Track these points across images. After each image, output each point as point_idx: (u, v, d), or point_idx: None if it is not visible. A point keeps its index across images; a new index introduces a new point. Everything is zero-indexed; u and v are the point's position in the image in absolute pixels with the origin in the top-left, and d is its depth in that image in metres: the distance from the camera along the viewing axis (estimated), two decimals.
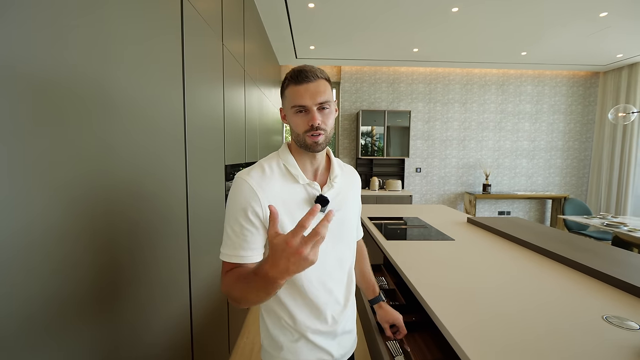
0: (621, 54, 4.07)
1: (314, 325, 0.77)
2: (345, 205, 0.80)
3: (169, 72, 1.08)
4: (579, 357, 0.77)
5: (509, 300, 1.05)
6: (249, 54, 2.42)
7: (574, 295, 1.10)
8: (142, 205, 0.93)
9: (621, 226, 2.91)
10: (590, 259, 1.35)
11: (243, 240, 0.68)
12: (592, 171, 4.98)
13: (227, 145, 1.78)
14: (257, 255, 0.70)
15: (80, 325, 0.69)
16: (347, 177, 0.85)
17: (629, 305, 1.04)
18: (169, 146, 1.09)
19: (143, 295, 0.94)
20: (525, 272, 1.32)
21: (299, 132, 0.71)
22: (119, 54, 0.81)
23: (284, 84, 0.74)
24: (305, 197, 0.75)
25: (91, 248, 0.72)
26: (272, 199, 0.69)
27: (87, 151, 0.70)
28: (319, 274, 0.76)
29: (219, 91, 1.64)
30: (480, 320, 0.93)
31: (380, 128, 4.66)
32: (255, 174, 0.72)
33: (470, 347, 0.81)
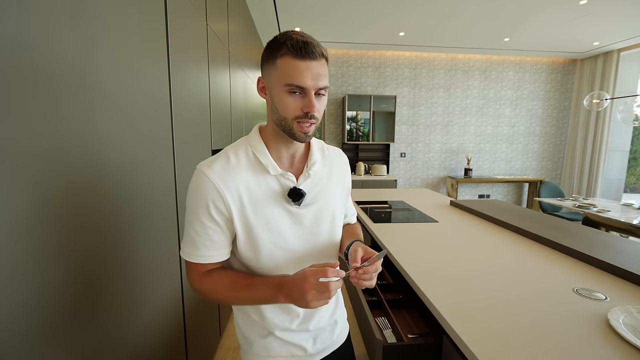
0: (597, 42, 4.20)
1: (282, 323, 0.70)
2: (324, 197, 0.70)
3: (153, 54, 1.04)
4: (552, 326, 0.84)
5: (488, 276, 1.12)
6: (233, 34, 2.34)
7: (548, 270, 1.18)
8: (129, 194, 0.91)
9: (591, 207, 3.09)
10: (562, 237, 1.44)
11: (207, 239, 0.62)
12: (567, 155, 5.21)
13: (213, 130, 1.75)
14: (223, 254, 0.65)
15: (73, 314, 0.69)
16: (328, 162, 0.74)
17: (596, 279, 1.12)
18: (156, 131, 1.06)
19: (136, 281, 0.94)
20: (503, 250, 1.40)
21: (287, 116, 0.59)
22: (100, 35, 0.77)
23: (274, 50, 0.57)
24: (277, 189, 0.65)
25: (78, 238, 0.71)
26: (237, 194, 0.61)
27: (68, 139, 0.68)
28: (289, 271, 0.65)
29: (204, 74, 1.60)
30: (462, 295, 0.99)
31: (366, 113, 4.66)
32: (218, 166, 0.62)
33: (453, 319, 0.86)
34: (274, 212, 0.64)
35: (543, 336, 0.79)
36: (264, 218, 0.64)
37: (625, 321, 0.85)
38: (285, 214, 0.65)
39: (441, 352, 0.91)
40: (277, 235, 0.65)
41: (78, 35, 0.69)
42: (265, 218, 0.64)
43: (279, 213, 0.65)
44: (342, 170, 0.78)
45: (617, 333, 0.80)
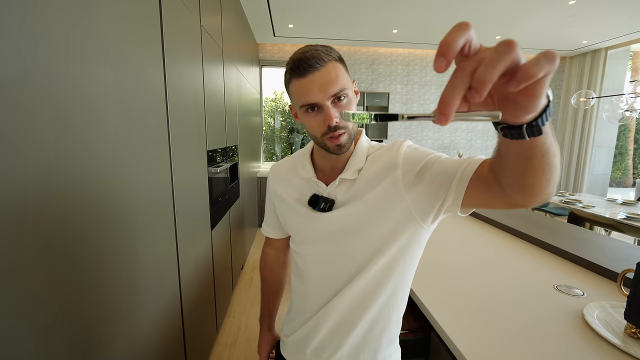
0: (586, 40, 4.28)
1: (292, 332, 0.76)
2: (360, 203, 0.62)
3: (149, 57, 1.05)
4: (532, 321, 0.89)
5: (475, 273, 1.18)
6: (226, 31, 2.33)
7: (531, 268, 1.24)
8: (126, 194, 0.93)
9: (576, 203, 3.19)
10: (546, 235, 1.51)
11: (267, 217, 0.83)
12: None
13: (208, 129, 1.76)
14: (274, 233, 0.83)
15: (71, 310, 0.72)
16: (373, 165, 0.64)
17: (576, 275, 1.19)
18: (153, 133, 1.08)
19: (135, 280, 0.96)
20: (490, 248, 1.46)
21: (316, 135, 0.59)
22: (96, 38, 0.79)
23: (285, 78, 0.60)
24: (304, 193, 0.69)
25: (78, 236, 0.73)
26: (279, 189, 0.75)
27: (68, 138, 0.70)
28: (315, 267, 0.69)
29: (198, 73, 1.60)
30: (448, 291, 1.04)
31: (360, 107, 4.70)
32: (280, 163, 0.79)
33: (439, 315, 0.91)
34: (295, 211, 0.70)
35: (523, 331, 0.85)
36: (289, 215, 0.72)
37: (599, 316, 0.91)
38: (308, 216, 0.67)
39: (429, 347, 0.97)
40: (298, 232, 0.71)
41: (73, 39, 0.71)
42: (290, 215, 0.72)
43: (300, 214, 0.69)
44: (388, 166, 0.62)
45: (591, 327, 0.86)
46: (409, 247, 0.62)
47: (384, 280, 0.63)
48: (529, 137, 0.30)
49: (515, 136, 0.31)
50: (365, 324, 0.65)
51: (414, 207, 0.58)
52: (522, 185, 0.39)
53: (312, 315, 0.69)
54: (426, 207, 0.57)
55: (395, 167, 0.60)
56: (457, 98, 0.25)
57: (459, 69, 0.25)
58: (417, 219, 0.59)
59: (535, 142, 0.32)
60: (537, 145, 0.33)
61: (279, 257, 0.89)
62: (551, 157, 0.35)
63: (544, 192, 0.39)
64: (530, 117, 0.29)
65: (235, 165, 2.63)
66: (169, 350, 1.20)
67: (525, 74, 0.24)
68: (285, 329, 0.80)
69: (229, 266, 2.33)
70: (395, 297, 0.66)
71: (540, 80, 0.25)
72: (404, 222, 0.59)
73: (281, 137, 5.48)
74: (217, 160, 1.99)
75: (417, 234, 0.61)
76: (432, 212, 0.57)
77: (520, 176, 0.38)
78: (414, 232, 0.60)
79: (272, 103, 5.44)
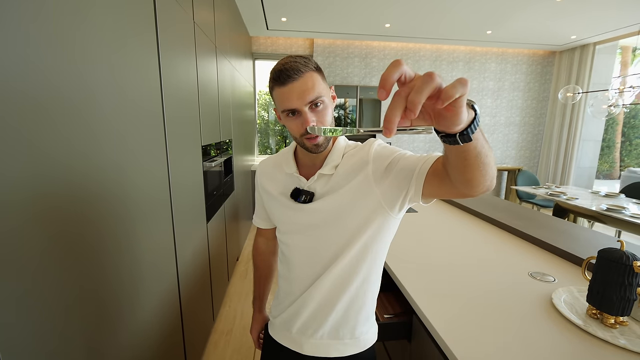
0: (575, 36, 4.35)
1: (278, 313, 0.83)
2: (338, 195, 0.69)
3: (144, 55, 1.08)
4: (506, 305, 0.97)
5: (456, 261, 1.25)
6: (219, 26, 2.35)
7: (509, 256, 1.33)
8: (124, 189, 0.98)
9: (561, 195, 3.31)
10: (527, 226, 1.59)
11: (256, 208, 0.92)
12: (544, 145, 5.45)
13: (202, 124, 1.80)
14: (263, 224, 0.92)
15: (72, 304, 0.77)
16: (349, 161, 0.72)
17: (550, 263, 1.27)
18: (149, 129, 1.12)
19: (136, 271, 1.02)
20: (473, 238, 1.54)
21: (295, 136, 0.68)
22: (91, 36, 0.82)
23: (269, 86, 0.67)
24: (287, 187, 0.77)
25: (76, 232, 0.77)
26: (265, 183, 0.83)
27: (62, 136, 0.74)
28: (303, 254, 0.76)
29: (192, 69, 1.63)
30: (430, 278, 1.11)
31: (353, 100, 4.76)
32: (267, 159, 0.86)
33: (420, 300, 0.99)
34: (280, 203, 0.77)
35: (497, 315, 0.92)
36: (274, 207, 0.80)
37: (566, 300, 0.99)
38: (290, 207, 0.75)
39: (411, 329, 1.04)
40: (283, 222, 0.79)
41: (66, 37, 0.74)
42: (275, 207, 0.80)
43: (285, 206, 0.77)
44: (361, 162, 0.70)
45: (557, 310, 0.94)
46: (380, 234, 0.71)
47: (358, 264, 0.72)
48: (462, 143, 0.39)
49: (452, 142, 0.39)
50: (344, 304, 0.74)
51: (383, 198, 0.67)
52: (463, 179, 0.49)
53: (297, 297, 0.77)
54: (393, 198, 0.66)
55: (367, 163, 0.69)
56: (396, 116, 0.32)
57: (397, 94, 0.32)
58: (386, 208, 0.67)
59: (468, 146, 0.41)
60: (470, 149, 0.42)
61: (268, 245, 0.99)
62: (483, 157, 0.44)
63: (482, 185, 0.49)
64: (460, 127, 0.37)
65: (230, 159, 2.67)
66: (168, 337, 1.27)
67: (445, 95, 0.31)
68: (273, 311, 0.87)
69: (224, 258, 2.38)
70: (370, 279, 0.75)
71: (458, 99, 0.32)
72: (375, 211, 0.68)
73: (275, 130, 5.50)
74: (211, 154, 2.03)
75: (386, 222, 0.70)
76: (398, 202, 0.66)
77: (461, 172, 0.48)
78: (383, 220, 0.69)
79: (266, 96, 5.45)
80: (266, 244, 0.99)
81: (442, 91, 0.31)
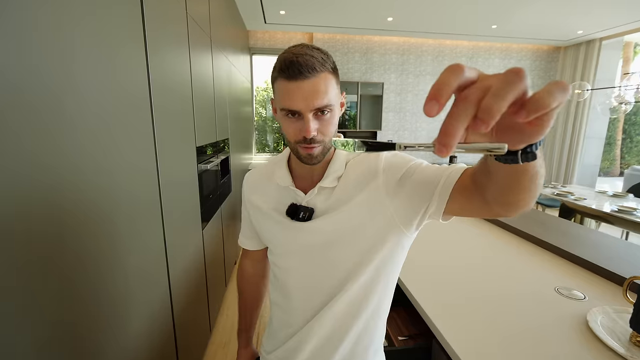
0: (581, 30, 4.24)
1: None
2: (342, 210, 0.60)
3: (129, 47, 0.96)
4: (535, 327, 0.87)
5: (474, 274, 1.15)
6: (214, 19, 2.21)
7: (531, 268, 1.22)
8: (109, 196, 0.86)
9: (568, 195, 3.22)
10: (543, 233, 1.49)
11: (243, 227, 0.81)
12: (547, 142, 5.36)
13: (197, 124, 1.68)
14: (250, 244, 0.80)
15: (59, 321, 0.66)
16: (352, 172, 0.62)
17: (574, 276, 1.17)
18: (135, 128, 1.00)
19: (120, 284, 0.90)
20: (488, 246, 1.43)
21: (290, 140, 0.57)
22: (71, 27, 0.70)
23: (272, 73, 0.56)
24: (282, 202, 0.66)
25: (59, 242, 0.67)
26: (255, 199, 0.71)
27: (39, 138, 0.62)
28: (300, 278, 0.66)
29: (185, 63, 1.51)
30: (447, 295, 1.01)
31: (353, 96, 4.62)
32: (255, 171, 0.75)
33: (440, 322, 0.88)
34: (274, 221, 0.66)
35: (526, 338, 0.82)
36: (266, 225, 0.69)
37: (603, 322, 0.89)
38: (286, 226, 0.64)
39: (430, 355, 0.94)
40: (277, 243, 0.68)
41: (35, 25, 0.62)
42: (267, 225, 0.69)
43: (279, 224, 0.65)
44: (369, 173, 0.60)
45: (594, 334, 0.84)
46: (393, 255, 0.61)
47: (369, 291, 0.62)
48: (523, 162, 0.30)
49: (509, 161, 0.30)
50: (352, 338, 0.64)
51: (397, 214, 0.57)
52: (507, 201, 0.40)
53: (297, 330, 0.66)
54: (409, 214, 0.56)
55: (377, 173, 0.59)
56: (460, 129, 0.23)
57: (463, 97, 0.23)
58: (400, 226, 0.58)
59: (527, 166, 0.32)
60: (529, 168, 0.33)
61: (256, 269, 0.86)
62: (539, 178, 0.36)
63: (527, 207, 0.41)
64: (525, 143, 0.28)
65: (227, 159, 2.55)
66: (159, 353, 1.16)
67: (537, 105, 0.22)
68: (266, 344, 0.75)
69: (221, 262, 2.28)
70: (381, 309, 0.66)
71: (552, 111, 0.23)
72: (387, 229, 0.58)
73: (273, 127, 5.37)
74: (207, 154, 1.91)
75: (400, 242, 0.60)
76: (416, 219, 0.56)
77: (508, 194, 0.39)
78: (397, 239, 0.60)
79: (264, 92, 5.30)
80: (254, 267, 0.86)
81: (533, 99, 0.23)
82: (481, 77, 0.24)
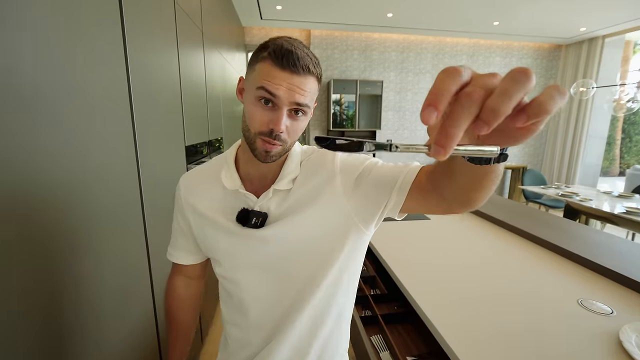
0: (584, 28, 4.16)
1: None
2: (301, 214, 0.56)
3: (100, 37, 0.85)
4: (561, 348, 0.77)
5: (490, 286, 1.05)
6: (207, 12, 2.10)
7: (550, 279, 1.12)
8: (84, 205, 0.75)
9: (574, 196, 3.13)
10: (559, 238, 1.39)
11: (174, 239, 0.69)
12: (549, 142, 5.28)
13: (186, 122, 1.57)
14: (184, 258, 0.69)
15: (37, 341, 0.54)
16: (310, 172, 0.59)
17: (598, 286, 1.07)
18: (112, 129, 0.89)
19: (98, 301, 0.79)
20: (502, 254, 1.33)
21: (251, 129, 0.51)
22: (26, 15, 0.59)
23: (258, 53, 0.51)
24: (230, 207, 0.59)
25: (25, 242, 0.56)
26: (196, 205, 0.62)
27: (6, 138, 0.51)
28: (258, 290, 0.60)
29: (172, 58, 1.40)
30: (461, 310, 0.91)
31: (351, 96, 4.50)
32: (192, 174, 0.66)
33: (455, 342, 0.78)
34: (221, 229, 0.59)
35: (552, 358, 0.72)
36: (212, 234, 0.61)
37: (639, 342, 0.79)
38: (237, 234, 0.58)
39: None
40: (227, 254, 0.60)
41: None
42: (213, 234, 0.61)
43: (228, 232, 0.59)
44: (325, 174, 0.58)
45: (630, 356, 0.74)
46: (354, 255, 0.60)
47: (333, 296, 0.60)
48: (493, 164, 0.30)
49: (482, 162, 0.30)
50: (319, 345, 0.61)
51: (356, 214, 0.56)
52: (467, 199, 0.41)
53: (259, 349, 0.61)
54: (368, 213, 0.56)
55: (333, 175, 0.58)
56: (462, 130, 0.21)
57: (465, 95, 0.21)
58: (359, 224, 0.57)
59: (496, 166, 0.33)
60: (496, 169, 0.34)
61: (190, 290, 0.74)
62: (499, 177, 0.36)
63: (481, 203, 0.41)
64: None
65: None
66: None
67: (540, 109, 0.21)
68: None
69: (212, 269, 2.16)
70: (345, 311, 0.64)
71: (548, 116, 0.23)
72: (346, 229, 0.57)
73: None
74: (199, 154, 1.80)
75: (359, 240, 0.59)
76: (375, 218, 0.56)
77: (469, 193, 0.39)
78: (356, 238, 0.58)
79: None
80: (188, 286, 0.74)
81: (535, 103, 0.21)
82: (477, 76, 0.23)
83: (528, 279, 1.12)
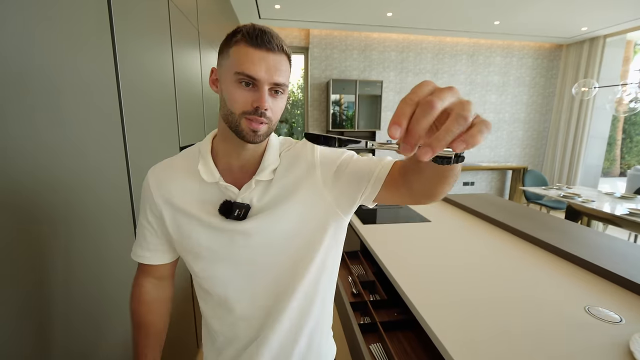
0: (586, 27, 4.13)
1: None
2: (284, 205, 0.57)
3: (89, 36, 0.81)
4: (567, 356, 0.73)
5: (493, 292, 1.01)
6: (203, 10, 2.06)
7: (555, 284, 1.09)
8: (71, 209, 0.72)
9: (575, 197, 3.10)
10: (563, 241, 1.35)
11: (142, 238, 0.64)
12: (549, 142, 5.25)
13: (181, 122, 1.53)
14: (154, 258, 0.65)
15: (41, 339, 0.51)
16: (291, 162, 0.60)
17: (604, 292, 1.04)
18: (99, 131, 0.85)
19: (92, 293, 0.75)
20: (505, 258, 1.30)
21: (234, 111, 0.51)
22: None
23: (229, 38, 0.52)
24: (209, 200, 0.58)
25: (18, 268, 0.52)
26: (170, 200, 0.59)
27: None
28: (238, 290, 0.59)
29: (166, 57, 1.36)
30: (464, 317, 0.87)
31: (351, 96, 4.46)
32: (161, 168, 0.63)
33: (458, 353, 0.75)
34: (200, 223, 0.57)
35: None
36: (191, 228, 0.58)
37: None
38: (218, 228, 0.57)
39: None
40: (208, 249, 0.58)
41: None
42: (192, 228, 0.58)
43: (208, 226, 0.57)
44: (305, 165, 0.59)
45: None
46: (334, 240, 0.62)
47: (318, 283, 0.61)
48: (453, 164, 0.35)
49: (445, 162, 0.34)
50: (307, 334, 0.62)
51: (336, 202, 0.59)
52: (432, 193, 0.47)
53: (248, 344, 0.61)
54: (347, 202, 0.59)
55: (314, 167, 0.59)
56: (423, 129, 0.28)
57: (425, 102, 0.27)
58: (339, 212, 0.59)
59: (456, 166, 0.40)
60: (455, 167, 0.41)
61: (159, 291, 0.70)
62: (458, 175, 0.43)
63: (443, 196, 0.48)
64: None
65: None
66: None
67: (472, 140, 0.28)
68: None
69: None
70: (327, 295, 0.65)
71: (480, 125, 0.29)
72: (327, 217, 0.59)
73: None
74: None
75: (339, 226, 0.62)
76: (353, 206, 0.60)
77: (433, 187, 0.46)
78: (337, 225, 0.61)
79: None
80: (157, 288, 0.69)
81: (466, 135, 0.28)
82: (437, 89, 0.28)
83: (533, 284, 1.08)
